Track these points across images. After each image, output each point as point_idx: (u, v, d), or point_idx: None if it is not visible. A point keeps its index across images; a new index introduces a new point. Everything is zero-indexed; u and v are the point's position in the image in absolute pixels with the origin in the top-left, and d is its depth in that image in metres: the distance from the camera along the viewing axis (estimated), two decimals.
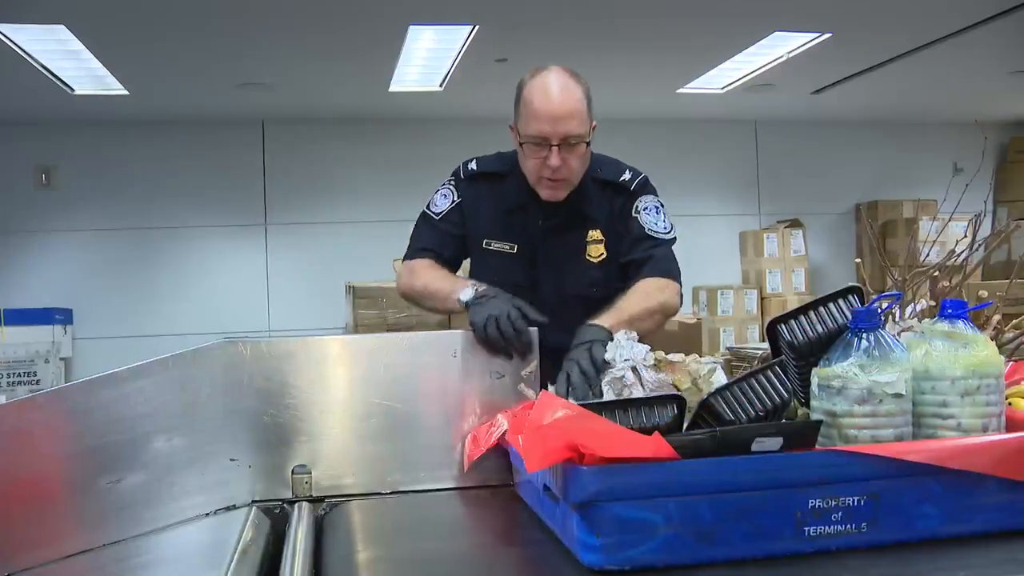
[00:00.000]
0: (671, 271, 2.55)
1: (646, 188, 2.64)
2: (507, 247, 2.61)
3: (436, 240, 2.65)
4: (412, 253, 2.67)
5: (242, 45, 6.05)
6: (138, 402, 1.95)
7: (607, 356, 1.89)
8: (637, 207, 2.59)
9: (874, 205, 9.06)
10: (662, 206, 2.64)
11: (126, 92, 7.01)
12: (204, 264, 8.31)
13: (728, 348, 7.84)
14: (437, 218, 2.65)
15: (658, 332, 2.59)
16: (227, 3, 5.23)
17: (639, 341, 1.92)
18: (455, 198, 2.65)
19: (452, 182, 2.68)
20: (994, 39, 6.25)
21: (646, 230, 2.57)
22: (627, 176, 2.63)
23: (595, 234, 2.60)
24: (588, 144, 2.50)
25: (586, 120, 2.46)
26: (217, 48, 6.07)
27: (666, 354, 1.87)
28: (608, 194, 2.61)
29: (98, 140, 8.05)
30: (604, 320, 2.23)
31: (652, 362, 1.80)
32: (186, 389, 1.99)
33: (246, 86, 7.01)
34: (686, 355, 1.83)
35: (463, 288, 2.34)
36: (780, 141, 9.15)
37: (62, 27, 5.48)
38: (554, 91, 2.43)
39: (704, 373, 1.72)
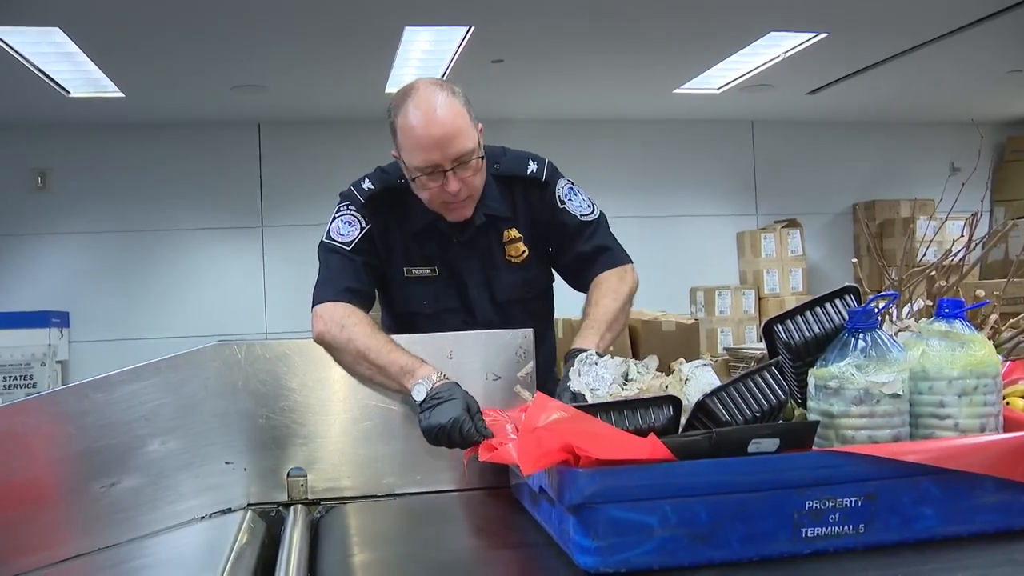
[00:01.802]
0: (621, 257, 2.45)
1: (556, 173, 2.47)
2: (428, 271, 2.40)
3: (354, 275, 2.33)
4: (333, 294, 2.30)
5: (238, 47, 6.04)
6: (133, 405, 1.95)
7: (573, 387, 1.83)
8: (559, 197, 2.43)
9: (871, 205, 9.06)
10: (574, 184, 2.49)
11: (122, 95, 7.00)
12: (200, 267, 8.30)
13: (726, 348, 7.84)
14: (349, 249, 2.35)
15: (655, 334, 2.59)
16: (223, 5, 5.23)
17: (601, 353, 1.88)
18: (362, 224, 2.37)
19: (350, 207, 2.40)
20: (991, 38, 6.25)
21: (579, 218, 2.43)
22: (533, 168, 2.44)
23: (511, 233, 2.42)
24: (482, 157, 2.28)
25: (473, 132, 2.24)
26: (213, 50, 6.07)
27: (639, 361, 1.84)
28: (518, 189, 2.43)
29: (94, 143, 8.04)
30: (588, 342, 2.17)
31: (619, 383, 1.78)
32: (181, 392, 1.99)
33: (242, 88, 7.00)
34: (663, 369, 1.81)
35: (417, 379, 2.03)
36: (777, 141, 9.16)
37: (57, 30, 5.47)
38: (432, 113, 2.18)
39: (683, 378, 1.70)
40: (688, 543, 1.40)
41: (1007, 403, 1.90)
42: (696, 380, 1.68)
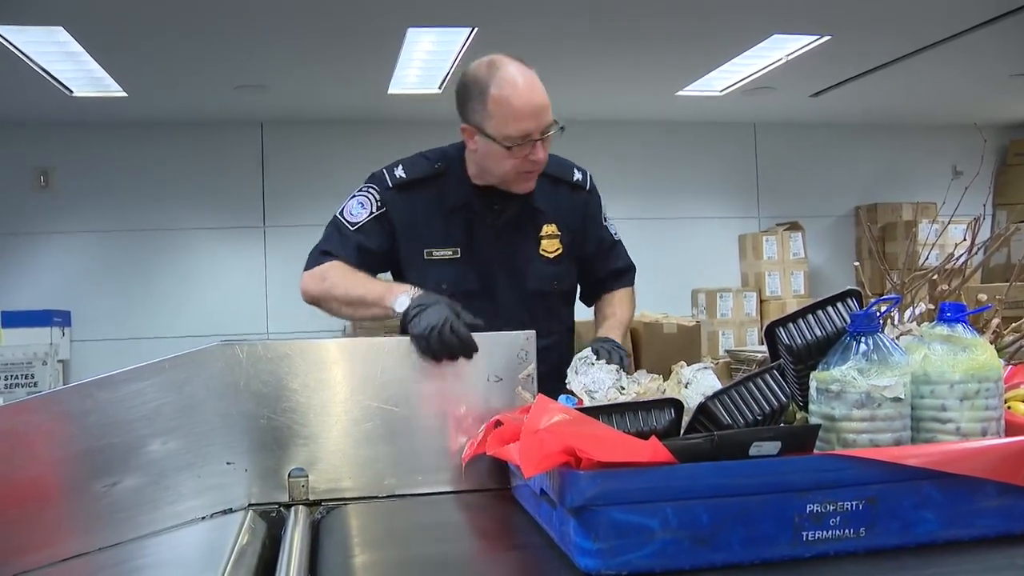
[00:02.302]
0: (633, 280, 2.71)
1: (596, 188, 2.65)
2: (449, 253, 2.48)
3: (345, 246, 2.47)
4: (314, 257, 2.49)
5: (241, 47, 6.05)
6: (134, 405, 1.94)
7: (571, 387, 1.85)
8: (604, 215, 2.65)
9: (873, 208, 9.06)
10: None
11: (124, 94, 7.01)
12: (202, 266, 8.31)
13: (727, 351, 7.84)
14: (352, 228, 2.48)
15: (656, 336, 2.67)
16: (226, 5, 5.24)
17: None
18: (374, 208, 2.48)
19: (373, 188, 2.51)
20: (993, 42, 6.25)
21: (613, 236, 2.66)
22: (579, 176, 2.60)
23: (549, 228, 2.53)
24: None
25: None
26: (216, 50, 6.08)
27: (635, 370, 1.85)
28: (562, 191, 2.56)
29: (96, 142, 8.05)
30: (614, 334, 2.42)
31: (616, 388, 1.78)
32: (182, 392, 1.98)
33: (245, 88, 7.01)
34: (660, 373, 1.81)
35: (396, 295, 2.18)
36: (779, 144, 9.16)
37: (60, 29, 5.48)
38: (527, 84, 2.32)
39: (683, 382, 1.70)
40: (689, 546, 1.40)
41: (1009, 407, 1.90)
42: (697, 383, 1.68)
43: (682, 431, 1.53)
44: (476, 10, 5.50)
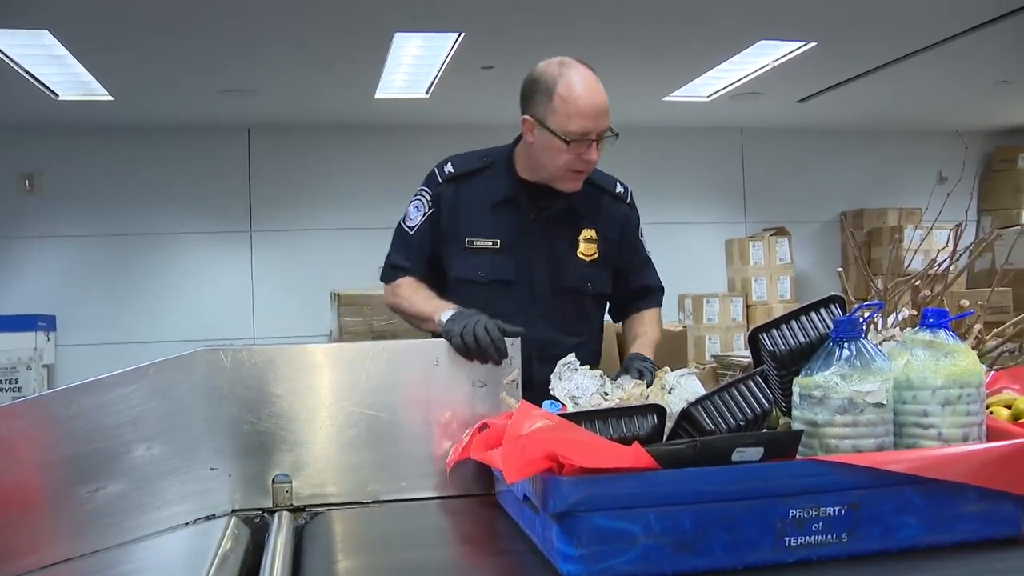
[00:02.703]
0: (661, 302, 2.81)
1: (636, 205, 2.76)
2: (490, 243, 2.58)
3: (409, 256, 2.64)
4: (388, 273, 2.69)
5: (228, 51, 6.04)
6: (118, 410, 1.94)
7: (555, 392, 1.86)
8: (640, 231, 2.75)
9: (859, 213, 9.10)
10: None
11: (111, 98, 6.99)
12: (189, 271, 8.29)
13: (713, 356, 7.86)
14: (411, 232, 2.64)
15: None
16: (212, 9, 5.23)
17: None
18: (427, 208, 2.63)
19: (426, 191, 2.66)
20: (978, 49, 6.28)
21: (647, 254, 2.76)
22: (621, 189, 2.72)
23: (589, 233, 2.62)
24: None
25: None
26: (203, 54, 6.06)
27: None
28: (604, 200, 2.67)
29: (82, 146, 8.03)
30: (644, 351, 2.55)
31: (600, 394, 1.78)
32: (167, 397, 1.98)
33: (232, 92, 6.99)
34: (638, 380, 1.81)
35: (444, 311, 2.34)
36: (766, 149, 9.18)
37: (46, 32, 5.46)
38: (595, 86, 2.46)
39: (667, 387, 1.71)
40: (672, 551, 1.40)
41: (991, 412, 1.91)
42: (681, 389, 1.69)
43: (665, 437, 1.54)
44: (463, 16, 5.51)
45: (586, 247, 2.61)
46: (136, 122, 7.87)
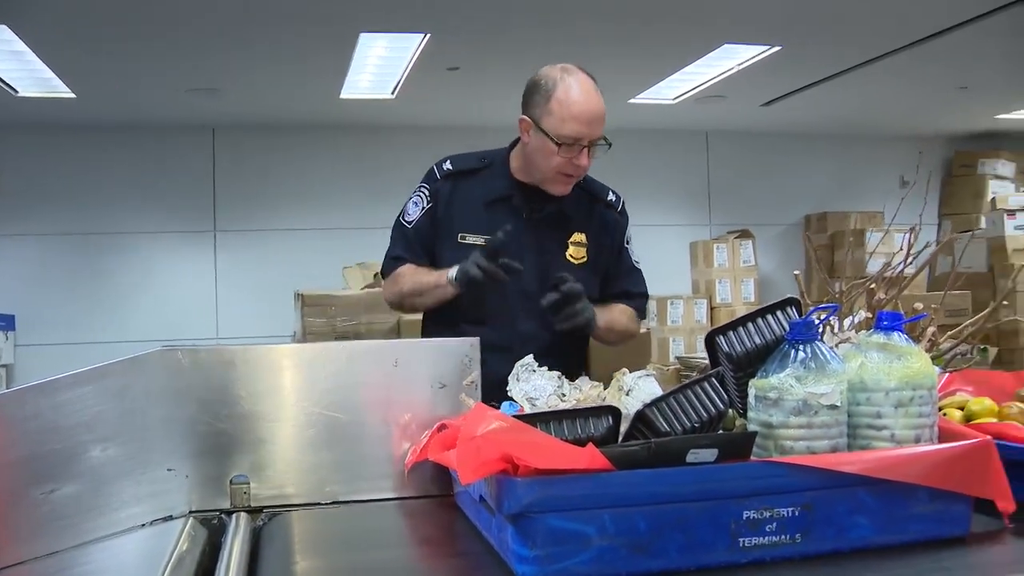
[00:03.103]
0: (644, 311, 2.87)
1: (627, 213, 2.82)
2: (482, 240, 2.62)
3: (407, 248, 2.71)
4: (387, 264, 2.76)
5: (192, 50, 6.00)
6: (74, 411, 1.91)
7: (512, 393, 1.86)
8: (628, 238, 2.80)
9: (823, 216, 9.17)
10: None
11: (73, 95, 6.92)
12: (152, 271, 8.22)
13: (677, 357, 7.90)
14: (409, 226, 2.71)
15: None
16: (178, 8, 5.19)
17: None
18: (425, 203, 2.70)
19: (425, 187, 2.72)
20: (939, 55, 6.36)
21: (633, 261, 2.82)
22: (612, 197, 2.79)
23: (579, 237, 2.69)
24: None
25: None
26: (167, 52, 6.02)
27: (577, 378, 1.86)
28: (596, 207, 2.74)
29: (43, 143, 7.94)
30: (599, 313, 2.59)
31: (557, 395, 1.78)
32: (123, 398, 1.96)
33: (196, 91, 6.95)
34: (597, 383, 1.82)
35: (446, 272, 2.49)
36: (731, 152, 9.24)
37: (5, 27, 5.40)
38: (592, 93, 2.54)
39: (624, 388, 1.71)
40: (626, 553, 1.41)
41: (944, 414, 1.93)
42: (638, 390, 1.69)
43: (620, 438, 1.54)
44: (429, 16, 5.50)
45: (575, 250, 2.68)
46: (99, 120, 7.79)
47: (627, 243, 2.80)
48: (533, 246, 2.64)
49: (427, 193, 2.69)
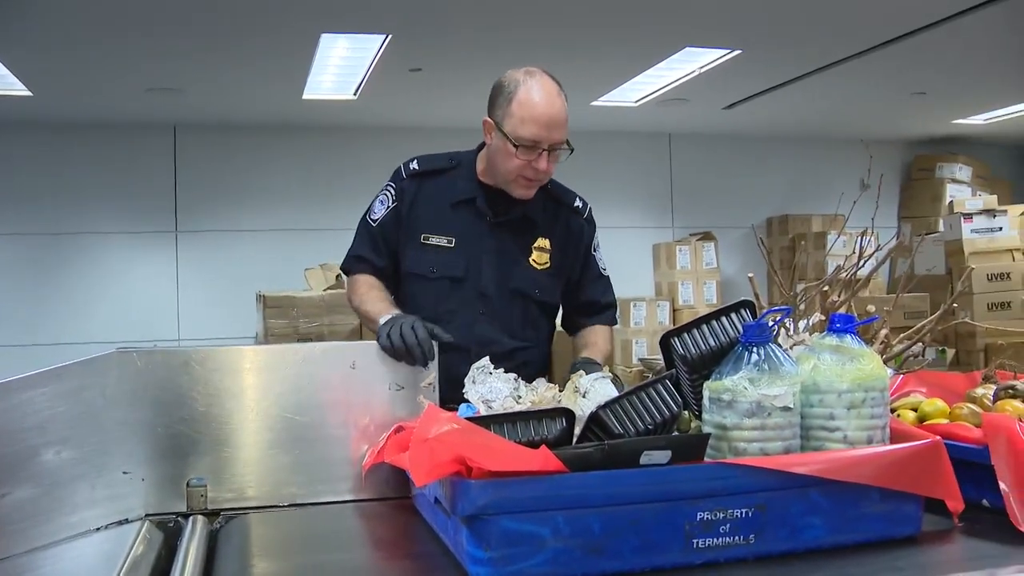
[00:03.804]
0: (615, 321, 2.86)
1: (594, 221, 2.80)
2: (444, 241, 2.62)
3: (370, 247, 2.68)
4: (348, 262, 2.73)
5: (152, 49, 5.94)
6: (26, 413, 1.90)
7: (468, 395, 1.87)
8: (594, 245, 2.78)
9: (784, 219, 9.24)
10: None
11: (29, 93, 6.83)
12: (113, 271, 8.13)
13: (640, 359, 7.93)
14: (374, 225, 2.68)
15: (569, 344, 2.75)
16: (137, 5, 5.14)
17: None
18: (391, 202, 2.67)
19: (391, 185, 2.70)
20: (897, 60, 6.42)
21: (600, 269, 2.80)
22: (579, 204, 2.78)
23: (543, 242, 2.68)
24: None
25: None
26: (126, 51, 5.96)
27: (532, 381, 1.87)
28: (562, 212, 2.73)
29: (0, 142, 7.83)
30: (594, 356, 2.57)
31: (513, 397, 1.79)
32: (78, 400, 1.95)
33: (157, 91, 6.88)
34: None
35: (385, 313, 2.37)
36: (693, 155, 9.28)
37: None
38: (553, 97, 2.52)
39: (580, 391, 1.72)
40: (581, 554, 1.42)
41: (897, 415, 1.96)
42: (595, 392, 1.70)
43: (574, 440, 1.55)
44: (390, 17, 5.48)
45: (538, 255, 2.67)
46: (57, 119, 7.70)
47: (594, 250, 2.79)
48: (494, 249, 2.63)
49: (393, 192, 2.67)
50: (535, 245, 2.66)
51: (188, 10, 5.22)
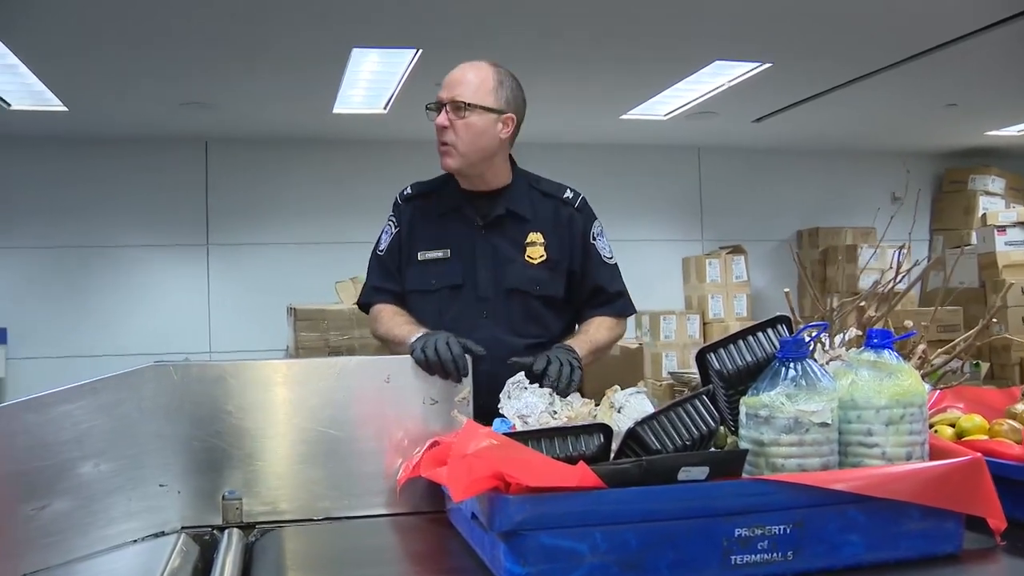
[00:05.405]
0: (627, 307, 2.80)
1: (590, 209, 2.78)
2: (440, 254, 2.65)
3: (385, 276, 2.72)
4: (366, 294, 2.77)
5: (186, 64, 6.00)
6: (65, 427, 1.91)
7: (504, 411, 1.86)
8: (592, 233, 2.75)
9: (815, 232, 9.19)
10: (603, 228, 2.80)
11: (65, 108, 6.92)
12: (145, 284, 8.20)
13: (670, 373, 7.90)
14: (383, 255, 2.73)
15: (600, 357, 2.71)
16: (170, 21, 5.19)
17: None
18: (394, 229, 2.72)
19: (392, 216, 2.76)
20: (928, 72, 6.39)
21: (603, 257, 2.76)
22: (570, 195, 2.75)
23: (535, 237, 2.67)
24: (499, 119, 2.58)
25: (481, 95, 2.56)
26: (160, 66, 6.02)
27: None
28: (551, 204, 2.72)
29: (35, 156, 7.92)
30: (574, 344, 2.51)
31: (548, 412, 1.79)
32: (114, 413, 1.96)
33: (189, 105, 6.95)
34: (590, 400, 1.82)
35: (415, 333, 2.39)
36: (723, 168, 9.26)
37: None
38: (464, 66, 2.60)
39: (615, 406, 1.71)
40: (618, 570, 1.41)
41: (935, 431, 1.94)
42: (630, 407, 1.70)
43: (612, 456, 1.54)
44: (420, 32, 5.52)
45: (532, 250, 2.66)
46: (91, 133, 7.79)
47: (594, 239, 2.76)
48: (488, 252, 2.64)
49: (394, 220, 2.74)
50: (527, 241, 2.66)
51: (220, 26, 5.27)
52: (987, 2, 5.19)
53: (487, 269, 2.63)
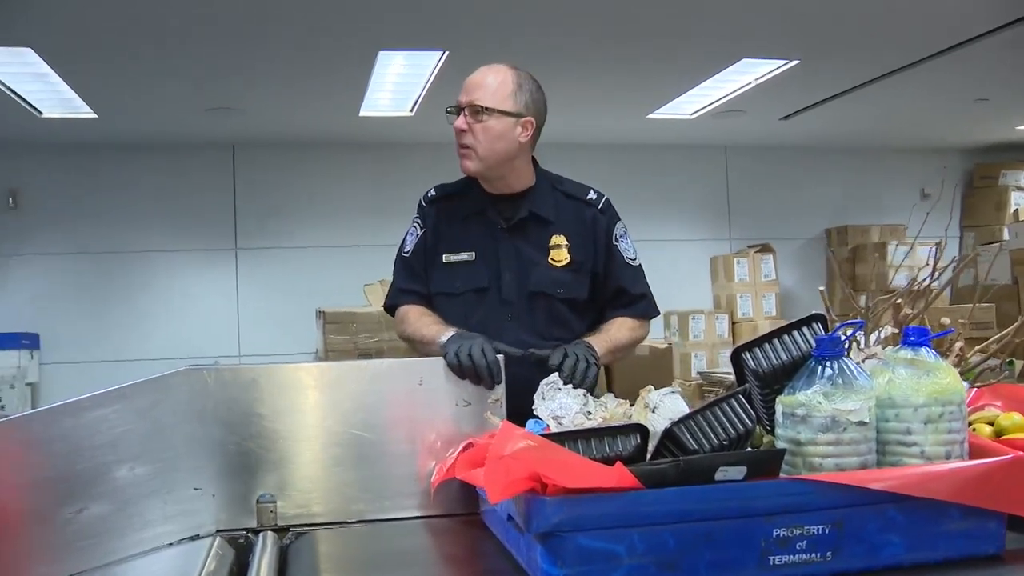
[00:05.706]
0: (651, 309, 2.79)
1: (614, 210, 2.77)
2: (465, 256, 2.66)
3: (411, 277, 2.73)
4: (393, 296, 2.77)
5: (213, 69, 6.04)
6: (100, 431, 1.92)
7: (539, 412, 1.85)
8: (615, 235, 2.73)
9: (843, 230, 9.13)
10: (627, 230, 2.79)
11: (95, 115, 6.98)
12: (174, 289, 8.26)
13: (699, 372, 7.87)
14: (408, 256, 2.73)
15: (628, 357, 2.70)
16: (197, 27, 5.23)
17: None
18: (419, 231, 2.73)
19: (417, 218, 2.76)
20: (958, 67, 6.33)
21: (626, 259, 2.74)
22: (593, 196, 2.74)
23: (559, 239, 2.66)
24: (518, 123, 2.57)
25: (500, 99, 2.55)
26: (187, 72, 6.06)
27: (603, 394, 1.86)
28: (573, 206, 2.71)
29: (66, 163, 8.00)
30: (596, 343, 2.51)
31: (583, 413, 1.78)
32: (149, 417, 1.97)
33: (216, 110, 6.99)
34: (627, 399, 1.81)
35: (445, 333, 2.42)
36: (750, 166, 9.22)
37: (29, 50, 5.45)
38: (482, 69, 2.59)
39: (650, 406, 1.70)
40: (656, 571, 1.40)
41: (973, 429, 1.91)
42: (664, 408, 1.69)
43: (648, 456, 1.54)
44: (447, 34, 5.53)
45: (556, 253, 2.66)
46: (120, 139, 7.85)
47: (617, 240, 2.74)
48: (512, 255, 2.65)
49: (419, 222, 2.74)
50: (551, 243, 2.66)
51: (247, 31, 5.30)
52: None
53: (511, 272, 2.64)
